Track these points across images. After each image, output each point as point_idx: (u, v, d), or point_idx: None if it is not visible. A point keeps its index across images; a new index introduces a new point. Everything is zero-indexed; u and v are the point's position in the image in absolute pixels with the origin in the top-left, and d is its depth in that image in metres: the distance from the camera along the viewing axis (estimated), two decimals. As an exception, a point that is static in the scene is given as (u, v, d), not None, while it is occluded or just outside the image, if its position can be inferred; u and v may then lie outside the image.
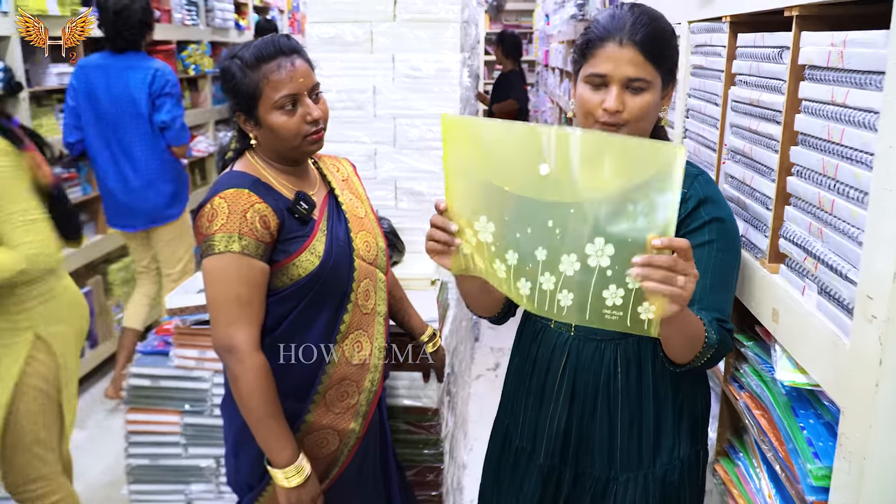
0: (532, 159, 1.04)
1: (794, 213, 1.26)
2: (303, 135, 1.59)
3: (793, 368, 1.23)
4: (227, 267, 1.51)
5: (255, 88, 1.55)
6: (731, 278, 1.35)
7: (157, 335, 2.50)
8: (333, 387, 1.67)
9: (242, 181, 1.57)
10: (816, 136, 1.17)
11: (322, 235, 1.64)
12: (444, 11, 2.58)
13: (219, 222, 1.52)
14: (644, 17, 1.33)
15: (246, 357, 1.52)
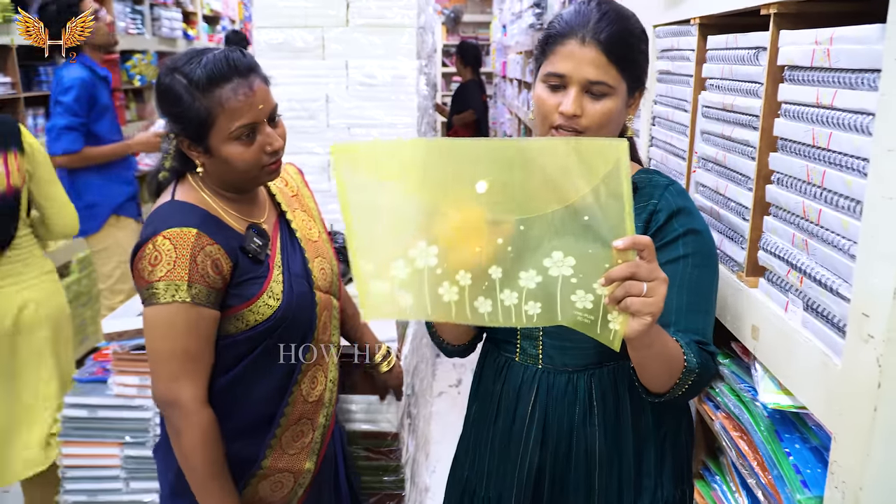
0: (468, 176, 0.95)
1: (774, 223, 1.18)
2: (261, 165, 1.40)
3: (776, 390, 1.15)
4: (174, 318, 1.34)
5: (207, 116, 1.34)
6: (710, 296, 1.21)
7: (95, 361, 2.34)
8: (290, 427, 1.53)
9: (189, 217, 1.37)
10: (799, 142, 1.10)
11: (279, 274, 1.47)
12: (400, 16, 2.48)
13: (164, 268, 1.33)
14: (612, 15, 1.20)
15: (192, 413, 1.37)
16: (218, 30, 7.06)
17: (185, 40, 6.00)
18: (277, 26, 2.50)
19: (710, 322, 1.21)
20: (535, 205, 0.96)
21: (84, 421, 2.15)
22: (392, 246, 1.01)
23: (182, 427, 1.38)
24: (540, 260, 0.98)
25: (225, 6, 7.22)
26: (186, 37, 6.01)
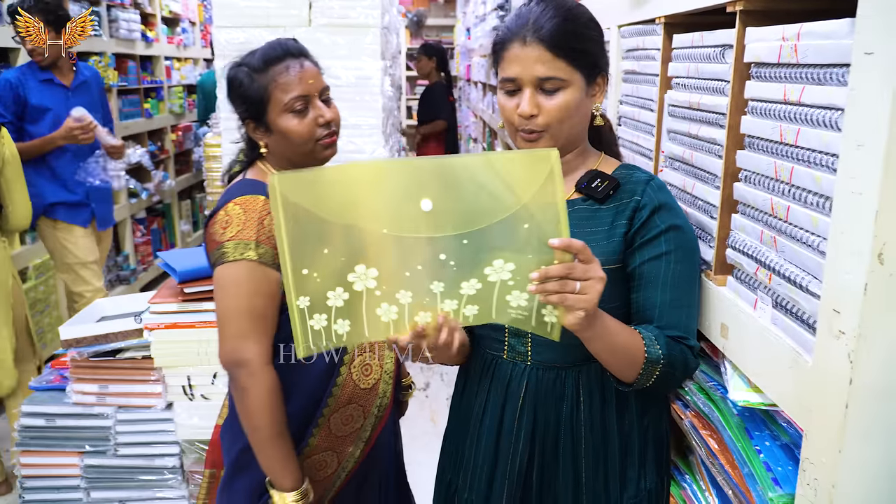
0: (412, 196, 0.99)
1: (742, 221, 1.18)
2: (315, 138, 1.54)
3: (746, 387, 1.15)
4: (242, 276, 1.42)
5: (264, 92, 1.50)
6: (691, 291, 1.25)
7: (52, 369, 2.28)
8: (339, 409, 1.58)
9: (257, 188, 1.50)
10: (766, 139, 1.10)
11: None
12: (363, 16, 2.46)
13: (234, 229, 1.44)
14: (549, 11, 1.21)
15: (258, 371, 1.42)
16: (177, 31, 6.95)
17: (144, 42, 5.88)
18: (239, 26, 2.45)
19: (692, 316, 1.25)
20: (477, 218, 1.00)
21: (42, 430, 2.10)
22: (329, 277, 1.04)
23: (248, 385, 1.42)
24: (482, 270, 1.03)
25: (185, 7, 7.10)
26: (145, 38, 5.89)
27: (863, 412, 0.87)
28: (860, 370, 0.85)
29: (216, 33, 2.47)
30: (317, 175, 1.07)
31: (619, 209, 1.27)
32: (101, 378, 2.06)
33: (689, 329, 1.23)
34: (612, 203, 1.28)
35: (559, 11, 1.22)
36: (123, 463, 2.09)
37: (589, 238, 1.26)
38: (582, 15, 1.25)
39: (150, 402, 2.05)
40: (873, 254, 0.82)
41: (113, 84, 5.18)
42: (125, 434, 2.07)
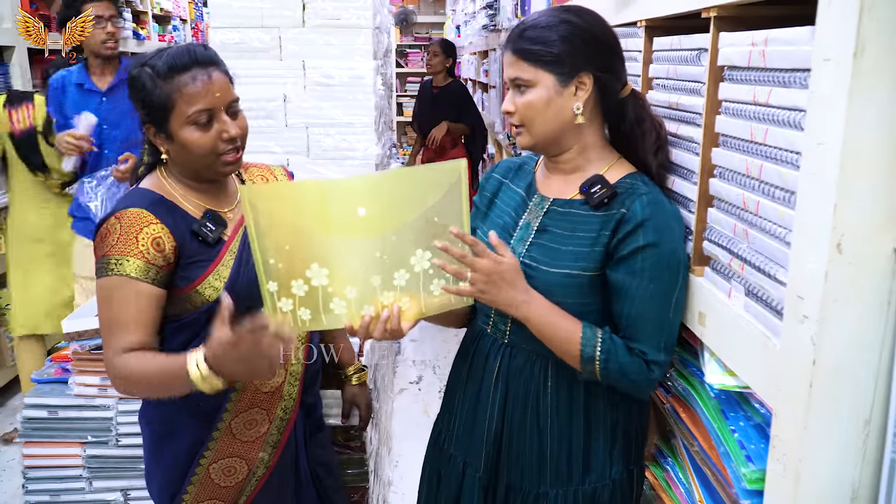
0: (351, 206, 1.24)
1: (717, 215, 1.25)
2: (217, 153, 1.47)
3: (722, 371, 1.22)
4: (113, 289, 1.43)
5: (167, 100, 1.43)
6: (660, 308, 1.31)
7: (53, 362, 2.32)
8: (240, 415, 1.59)
9: (141, 200, 1.48)
10: (738, 137, 1.17)
11: (230, 259, 1.53)
12: (356, 17, 2.52)
13: (110, 243, 1.44)
14: (524, 22, 1.38)
15: (114, 367, 1.41)
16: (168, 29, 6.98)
17: (136, 40, 5.91)
18: (234, 26, 2.51)
19: (661, 331, 1.33)
20: (401, 218, 1.25)
21: (44, 421, 2.14)
22: (291, 268, 1.26)
23: (118, 382, 1.43)
24: (408, 260, 1.28)
25: (175, 5, 7.13)
26: (137, 36, 5.92)
27: (825, 391, 0.94)
28: (822, 352, 0.92)
29: (212, 34, 2.52)
30: (277, 188, 1.39)
31: (606, 219, 1.34)
32: (102, 371, 2.10)
33: (652, 343, 1.31)
34: (604, 211, 1.35)
35: (532, 20, 1.36)
36: (125, 453, 2.13)
37: (575, 242, 1.34)
38: (554, 19, 1.35)
39: (151, 394, 2.11)
40: (832, 244, 0.89)
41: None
42: (126, 425, 2.11)
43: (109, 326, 1.44)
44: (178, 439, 1.59)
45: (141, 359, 1.42)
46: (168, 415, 1.58)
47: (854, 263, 0.89)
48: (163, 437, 1.60)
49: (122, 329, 1.43)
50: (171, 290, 1.48)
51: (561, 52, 1.33)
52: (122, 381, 1.43)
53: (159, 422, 1.60)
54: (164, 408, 1.58)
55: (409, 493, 2.96)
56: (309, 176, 2.57)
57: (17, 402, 3.85)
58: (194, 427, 1.57)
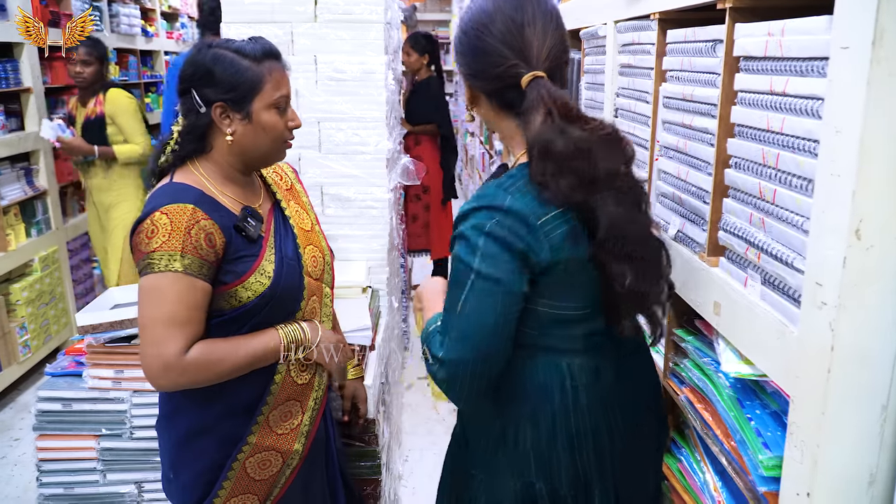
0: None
1: (733, 204, 1.26)
2: (283, 139, 1.56)
3: (738, 360, 1.23)
4: (167, 286, 1.41)
5: (258, 81, 1.49)
6: (449, 303, 1.25)
7: (67, 355, 2.34)
8: (278, 407, 1.60)
9: (186, 195, 1.47)
10: (754, 127, 1.17)
11: (271, 254, 1.55)
12: (367, 12, 2.52)
13: (160, 239, 1.41)
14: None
15: (184, 364, 1.42)
16: (177, 27, 7.00)
17: (144, 37, 5.94)
18: (246, 22, 2.52)
19: (444, 327, 1.26)
20: None
21: (58, 414, 2.16)
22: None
23: (188, 380, 1.44)
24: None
25: (184, 3, 7.15)
26: (145, 34, 5.95)
27: (844, 376, 0.95)
28: (840, 337, 0.93)
29: (224, 29, 2.53)
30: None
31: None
32: (116, 363, 2.12)
33: (432, 343, 1.28)
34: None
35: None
36: (139, 445, 2.15)
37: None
38: (459, 28, 1.33)
39: (165, 387, 2.13)
40: (851, 230, 0.90)
41: (114, 79, 5.23)
42: (140, 417, 2.13)
43: (166, 323, 1.41)
44: (211, 436, 1.57)
45: (215, 346, 1.46)
46: (202, 412, 1.57)
47: (873, 249, 0.90)
48: (195, 435, 1.58)
49: (184, 324, 1.42)
50: (214, 286, 1.48)
51: (462, 62, 1.34)
52: (194, 372, 1.43)
53: (192, 419, 1.58)
54: (198, 405, 1.56)
55: (419, 487, 2.98)
56: (321, 171, 2.58)
57: (28, 398, 3.87)
58: (231, 423, 1.57)
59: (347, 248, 2.59)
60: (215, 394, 1.52)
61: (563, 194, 1.18)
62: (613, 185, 1.19)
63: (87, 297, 4.78)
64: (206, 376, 1.46)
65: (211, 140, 1.54)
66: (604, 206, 1.18)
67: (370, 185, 2.60)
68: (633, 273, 1.21)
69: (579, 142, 1.17)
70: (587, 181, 1.17)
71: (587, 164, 1.17)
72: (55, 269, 4.31)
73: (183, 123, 1.53)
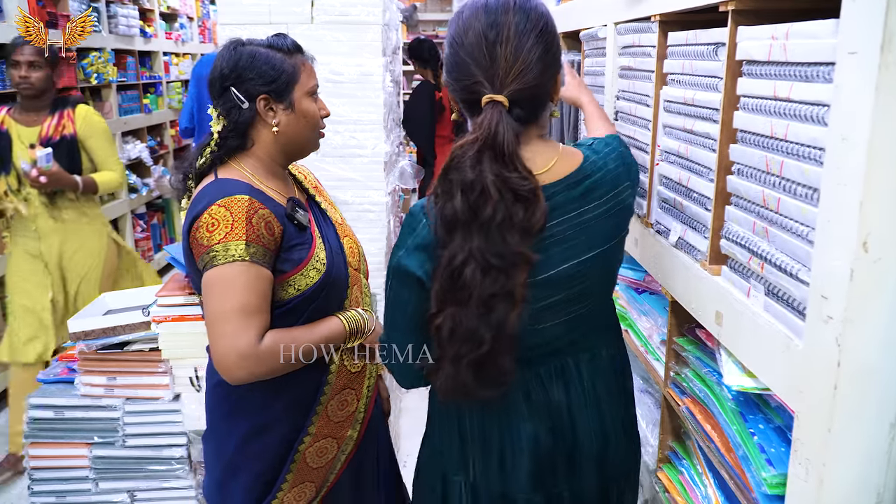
0: None
1: (735, 212, 1.22)
2: (319, 126, 1.61)
3: (741, 372, 1.20)
4: (235, 276, 1.40)
5: (296, 72, 1.54)
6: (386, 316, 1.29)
7: (60, 362, 2.31)
8: (335, 397, 1.61)
9: (237, 188, 1.46)
10: (758, 133, 1.14)
11: (321, 242, 1.58)
12: (365, 13, 2.49)
13: (222, 231, 1.41)
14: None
15: (260, 353, 1.40)
16: (175, 27, 6.97)
17: (143, 38, 5.91)
18: (242, 23, 2.49)
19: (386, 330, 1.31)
20: None
21: (50, 422, 2.13)
22: None
23: (267, 370, 1.43)
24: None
25: (182, 3, 7.11)
26: (144, 34, 5.92)
27: (851, 393, 0.92)
28: (848, 353, 0.90)
29: (220, 31, 2.50)
30: None
31: None
32: (109, 370, 2.09)
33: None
34: None
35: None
36: (131, 454, 2.12)
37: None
38: (447, 33, 1.26)
39: (158, 394, 2.09)
40: (858, 242, 0.86)
41: (112, 80, 5.20)
42: (133, 425, 2.10)
43: (239, 314, 1.39)
44: (274, 432, 1.58)
45: (286, 334, 1.45)
46: (264, 409, 1.56)
47: (881, 262, 0.87)
48: (258, 433, 1.58)
49: (255, 314, 1.41)
50: (274, 275, 1.48)
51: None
52: (270, 360, 1.42)
53: (254, 418, 1.57)
54: (259, 403, 1.56)
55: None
56: (317, 174, 2.54)
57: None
58: (293, 417, 1.58)
59: (344, 253, 2.57)
60: (277, 389, 1.53)
61: (438, 216, 1.14)
62: (488, 238, 1.10)
63: (85, 299, 4.74)
64: (282, 364, 1.45)
65: (253, 135, 1.56)
66: (454, 254, 1.12)
67: (368, 189, 2.57)
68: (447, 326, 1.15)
69: (481, 179, 1.10)
70: (462, 220, 1.11)
71: (473, 205, 1.10)
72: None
73: (223, 122, 1.54)
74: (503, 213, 1.09)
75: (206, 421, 1.66)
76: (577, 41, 2.48)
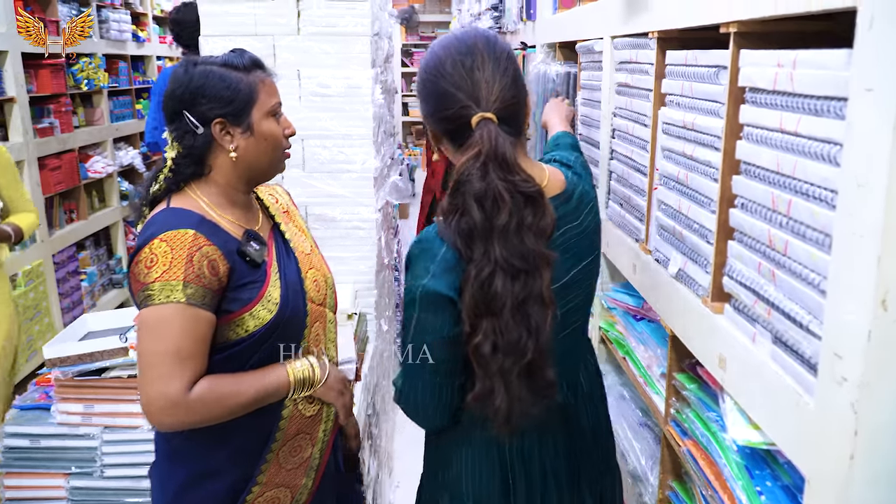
0: None
1: (739, 249, 1.14)
2: (283, 148, 1.50)
3: (746, 424, 1.11)
4: (169, 318, 1.31)
5: (253, 91, 1.43)
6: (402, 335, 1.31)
7: (37, 386, 2.23)
8: (287, 443, 1.50)
9: (185, 220, 1.37)
10: (762, 167, 1.06)
11: (276, 279, 1.46)
12: (353, 25, 2.40)
13: (159, 269, 1.31)
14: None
15: (190, 401, 1.31)
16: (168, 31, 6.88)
17: (136, 43, 5.82)
18: (226, 34, 2.40)
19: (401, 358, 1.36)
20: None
21: (26, 451, 2.05)
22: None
23: (196, 419, 1.34)
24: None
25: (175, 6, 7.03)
26: (137, 39, 5.83)
27: (869, 464, 0.83)
28: (865, 421, 0.82)
29: (203, 42, 2.41)
30: None
31: None
32: (86, 398, 2.01)
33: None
34: None
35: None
36: (110, 485, 2.03)
37: None
38: (419, 70, 1.33)
39: (137, 423, 2.00)
40: (876, 300, 0.78)
41: (104, 86, 5.12)
42: (112, 455, 2.02)
43: (170, 358, 1.30)
44: (219, 480, 1.46)
45: (221, 382, 1.36)
46: (208, 455, 1.45)
47: (902, 322, 0.78)
48: (200, 479, 1.46)
49: (189, 359, 1.32)
50: (218, 316, 1.38)
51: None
52: (202, 410, 1.33)
53: (197, 463, 1.46)
54: (204, 447, 1.44)
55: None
56: (305, 190, 2.46)
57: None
58: (240, 464, 1.46)
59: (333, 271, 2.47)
60: (222, 434, 1.42)
61: (456, 234, 1.19)
62: (507, 243, 1.15)
63: (75, 310, 4.67)
64: (213, 415, 1.35)
65: (210, 161, 1.45)
66: (481, 268, 1.16)
67: (357, 205, 2.48)
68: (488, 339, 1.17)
69: (492, 188, 1.16)
70: (480, 232, 1.16)
71: (488, 214, 1.16)
72: (40, 283, 4.21)
73: (178, 148, 1.42)
74: (517, 216, 1.16)
75: (157, 455, 1.55)
76: (573, 52, 2.40)
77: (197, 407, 1.32)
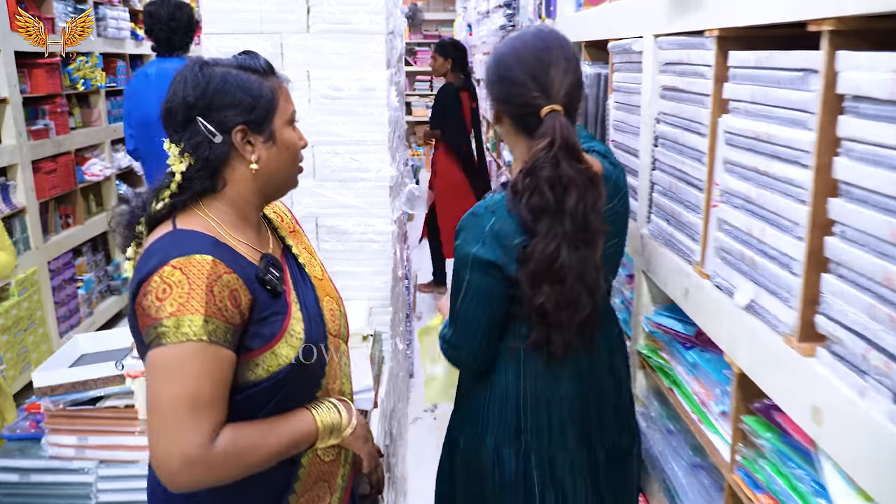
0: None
1: (840, 286, 0.97)
2: (300, 160, 1.37)
3: (853, 491, 0.95)
4: (188, 359, 1.12)
5: (274, 97, 1.28)
6: (453, 296, 1.51)
7: (27, 413, 2.07)
8: (306, 492, 1.33)
9: (200, 244, 1.19)
10: (872, 190, 0.89)
11: (297, 311, 1.28)
12: (367, 22, 2.23)
13: (175, 301, 1.12)
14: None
15: (212, 457, 1.13)
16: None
17: (134, 41, 5.66)
18: (230, 32, 2.23)
19: (452, 315, 1.54)
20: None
21: (15, 486, 1.90)
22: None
23: (216, 477, 1.15)
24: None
25: (176, 4, 6.86)
26: (135, 37, 5.67)
27: None
28: None
29: (205, 41, 2.24)
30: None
31: None
32: (79, 429, 1.85)
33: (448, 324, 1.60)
34: None
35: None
36: (107, 522, 1.89)
37: None
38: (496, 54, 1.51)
39: (135, 456, 1.84)
40: None
41: (101, 86, 4.96)
42: (108, 492, 1.86)
43: (188, 406, 1.12)
44: None
45: (244, 434, 1.18)
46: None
47: None
48: None
49: (209, 407, 1.13)
50: (238, 354, 1.20)
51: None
52: (222, 467, 1.15)
53: None
54: (218, 501, 1.27)
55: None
56: (315, 200, 2.30)
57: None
58: None
59: (346, 287, 2.30)
60: (236, 491, 1.23)
61: (526, 210, 1.37)
62: (575, 221, 1.36)
63: (71, 318, 4.51)
64: (235, 472, 1.17)
65: (226, 175, 1.27)
66: (547, 243, 1.36)
67: (371, 216, 2.31)
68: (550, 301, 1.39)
69: (564, 174, 1.36)
70: (552, 211, 1.35)
71: (559, 196, 1.35)
72: (34, 292, 4.04)
73: (190, 160, 1.24)
74: (584, 198, 1.36)
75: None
76: (602, 51, 2.24)
77: (218, 464, 1.13)
